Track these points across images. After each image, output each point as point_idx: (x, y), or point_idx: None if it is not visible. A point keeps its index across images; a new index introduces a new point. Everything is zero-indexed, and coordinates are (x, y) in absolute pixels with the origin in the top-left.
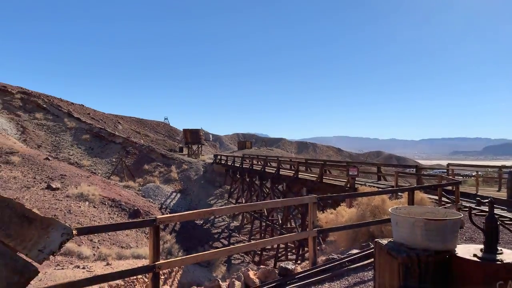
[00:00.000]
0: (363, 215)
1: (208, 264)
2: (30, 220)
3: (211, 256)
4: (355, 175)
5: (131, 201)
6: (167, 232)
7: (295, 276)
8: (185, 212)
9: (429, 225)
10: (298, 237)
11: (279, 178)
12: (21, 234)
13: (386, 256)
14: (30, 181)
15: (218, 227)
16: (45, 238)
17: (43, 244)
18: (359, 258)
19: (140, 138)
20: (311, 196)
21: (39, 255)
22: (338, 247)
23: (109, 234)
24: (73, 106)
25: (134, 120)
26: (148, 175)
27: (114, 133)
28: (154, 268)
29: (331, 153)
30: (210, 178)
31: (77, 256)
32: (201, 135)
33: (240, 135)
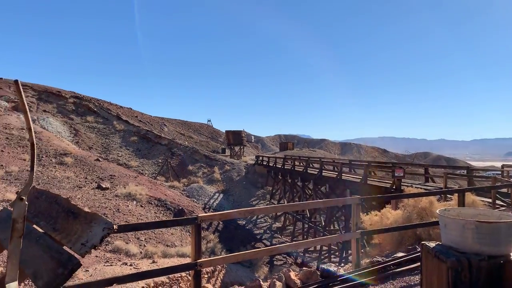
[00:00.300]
0: (409, 218)
1: (251, 264)
2: (75, 215)
3: (252, 256)
4: (401, 176)
5: (176, 201)
6: (210, 232)
7: (337, 278)
8: (226, 211)
9: (481, 228)
10: (341, 238)
11: (322, 179)
12: (67, 228)
13: (434, 259)
14: (82, 181)
15: (260, 228)
16: (88, 232)
17: (86, 238)
18: (405, 262)
19: (184, 139)
20: (354, 197)
21: (82, 248)
22: (383, 250)
23: (155, 233)
24: (121, 109)
25: (179, 122)
26: (192, 175)
27: (160, 135)
28: (195, 266)
29: (376, 154)
30: (252, 179)
31: (125, 253)
32: (243, 137)
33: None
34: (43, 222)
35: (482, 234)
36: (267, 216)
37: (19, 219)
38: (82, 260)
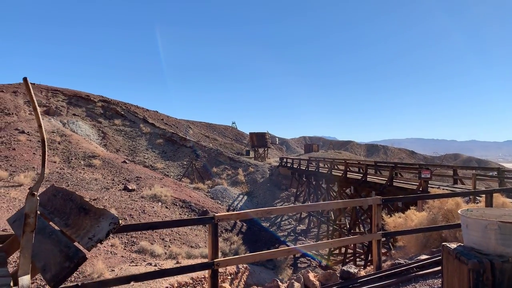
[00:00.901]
0: (434, 220)
1: (274, 267)
2: (86, 211)
3: (269, 256)
4: (428, 177)
5: (200, 203)
6: (234, 234)
7: (357, 280)
8: (243, 211)
9: (504, 229)
10: (362, 240)
11: (347, 181)
12: (77, 223)
13: (455, 261)
14: (109, 183)
15: (284, 230)
16: (95, 227)
17: (93, 232)
18: (429, 265)
19: (209, 142)
20: (375, 198)
21: (88, 242)
22: (408, 253)
23: (179, 234)
24: (148, 112)
25: (204, 124)
26: (217, 177)
27: (185, 138)
28: (212, 265)
29: (403, 156)
30: (276, 181)
31: (149, 254)
32: (267, 138)
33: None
34: (57, 218)
35: (506, 235)
36: (291, 218)
37: (31, 214)
38: (89, 254)
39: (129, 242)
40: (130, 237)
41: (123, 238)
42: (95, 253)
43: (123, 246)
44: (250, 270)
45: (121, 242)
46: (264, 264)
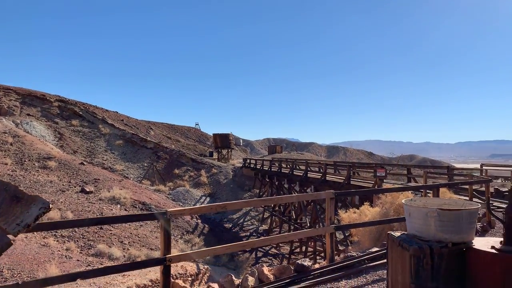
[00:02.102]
0: (386, 214)
1: (236, 267)
2: (19, 199)
3: (225, 250)
4: (383, 176)
5: (161, 205)
6: (195, 235)
7: (311, 273)
8: (197, 206)
9: (443, 216)
10: (315, 233)
11: (307, 180)
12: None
13: (398, 248)
14: (65, 185)
15: (246, 231)
16: (25, 213)
17: (21, 218)
18: (379, 256)
19: (171, 143)
20: (328, 191)
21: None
22: (362, 248)
23: (139, 237)
24: (107, 113)
25: (166, 126)
26: (178, 179)
27: (146, 139)
28: (164, 261)
29: (362, 157)
30: (239, 182)
31: (107, 257)
32: (231, 140)
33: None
34: None
35: (444, 222)
36: (253, 219)
37: None
38: (14, 239)
39: (85, 246)
40: (86, 240)
41: (79, 241)
42: (48, 257)
43: (79, 249)
44: (211, 271)
45: (77, 245)
46: (226, 264)
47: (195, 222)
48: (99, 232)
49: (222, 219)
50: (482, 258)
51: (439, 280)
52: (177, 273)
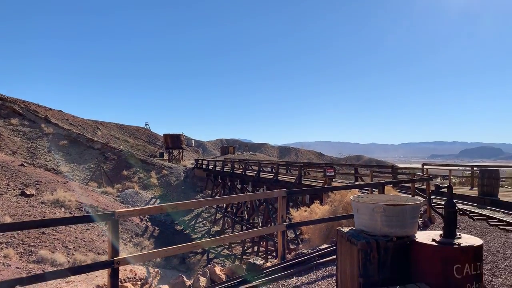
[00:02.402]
0: (335, 211)
1: (187, 269)
2: None
3: (175, 251)
4: (332, 175)
5: (109, 207)
6: (145, 238)
7: (263, 271)
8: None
9: (388, 211)
10: (267, 231)
11: (260, 180)
12: None
13: (347, 243)
14: (3, 188)
15: (198, 232)
16: None
17: None
18: (329, 253)
19: (119, 143)
20: (281, 190)
21: None
22: (313, 245)
23: (85, 241)
24: (51, 112)
25: (114, 125)
26: (127, 181)
27: (93, 139)
28: (112, 264)
29: (312, 157)
30: (191, 183)
31: (50, 263)
32: (182, 140)
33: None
34: None
35: (389, 217)
36: (205, 220)
37: None
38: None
39: (25, 252)
40: (27, 246)
41: (18, 247)
42: None
43: (18, 256)
44: (162, 274)
45: (16, 252)
46: (177, 267)
47: (145, 224)
48: (41, 237)
49: (173, 221)
50: (424, 250)
51: (385, 273)
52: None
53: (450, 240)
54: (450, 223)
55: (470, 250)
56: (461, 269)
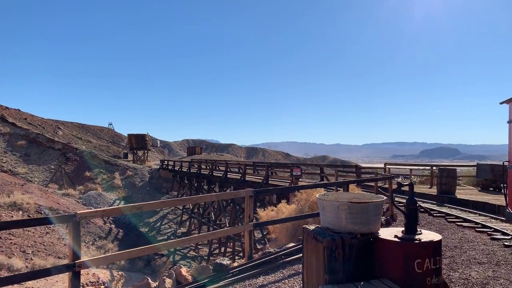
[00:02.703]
0: (301, 210)
1: (153, 271)
2: None
3: (139, 253)
4: (298, 175)
5: (70, 210)
6: (109, 241)
7: (230, 271)
8: (110, 207)
9: (353, 208)
10: (234, 231)
11: (227, 181)
12: None
13: (313, 241)
14: None
15: (164, 234)
16: None
17: None
18: (296, 251)
19: (81, 144)
20: (248, 190)
21: None
22: (280, 244)
23: (44, 245)
24: (7, 110)
25: (76, 125)
26: (90, 182)
27: (53, 139)
28: (73, 267)
29: (279, 158)
30: (156, 184)
31: (7, 269)
32: (147, 141)
33: (190, 141)
34: None
35: (354, 214)
36: (171, 222)
37: None
38: None
39: None
40: None
41: None
42: None
43: None
44: (127, 277)
45: None
46: (142, 270)
47: (109, 227)
48: None
49: (138, 223)
50: (387, 246)
51: (350, 269)
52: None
53: (412, 236)
54: (411, 219)
55: (430, 245)
56: (421, 263)
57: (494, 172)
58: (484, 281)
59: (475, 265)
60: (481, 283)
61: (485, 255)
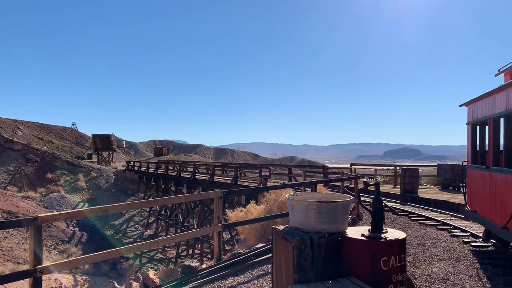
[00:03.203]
0: (270, 211)
1: (118, 275)
2: None
3: (104, 256)
4: (267, 176)
5: (31, 213)
6: (72, 245)
7: (198, 273)
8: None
9: (321, 208)
10: (203, 232)
11: (195, 182)
12: None
13: (282, 241)
14: None
15: (130, 237)
16: None
17: None
18: (265, 251)
19: (43, 144)
20: (217, 191)
21: None
22: (249, 245)
23: (2, 250)
24: None
25: (37, 125)
26: (52, 184)
27: (12, 139)
28: (35, 273)
29: (248, 158)
30: (122, 186)
31: None
32: (112, 141)
33: (157, 142)
34: None
35: (322, 214)
36: (138, 224)
37: None
38: None
39: None
40: None
41: None
42: None
43: None
44: (91, 281)
45: None
46: (107, 273)
47: (72, 230)
48: None
49: (103, 226)
50: (354, 245)
51: (319, 268)
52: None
53: (378, 235)
54: (377, 218)
55: (396, 243)
56: (387, 261)
57: (453, 172)
58: (445, 276)
59: (437, 262)
60: (443, 278)
61: (446, 252)
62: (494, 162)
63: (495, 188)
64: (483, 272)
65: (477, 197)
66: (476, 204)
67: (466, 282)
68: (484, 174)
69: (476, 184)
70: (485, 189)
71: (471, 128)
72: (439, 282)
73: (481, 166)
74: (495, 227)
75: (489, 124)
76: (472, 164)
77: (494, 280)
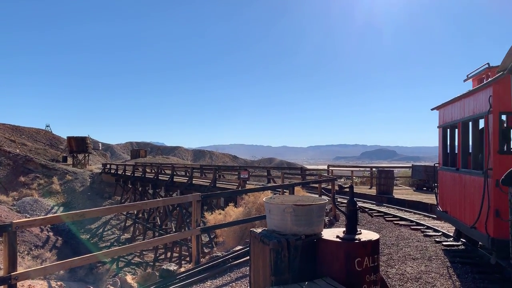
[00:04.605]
0: (249, 213)
1: (95, 280)
2: None
3: (81, 262)
4: (246, 178)
5: (3, 218)
6: (46, 250)
7: (177, 277)
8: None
9: (297, 211)
10: (181, 236)
11: (173, 185)
12: None
13: (260, 244)
14: None
15: (107, 241)
16: None
17: None
18: (243, 254)
19: (15, 147)
20: (195, 194)
21: None
22: (227, 247)
23: None
24: None
25: (8, 127)
26: (25, 188)
27: None
28: (9, 280)
29: (227, 160)
30: (98, 189)
31: None
32: (88, 143)
33: (134, 144)
34: None
35: (298, 216)
36: (114, 228)
37: None
38: None
39: None
40: None
41: None
42: None
43: None
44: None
45: None
46: (83, 279)
47: (46, 235)
48: None
49: (79, 230)
50: (330, 246)
51: (295, 270)
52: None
53: (352, 236)
54: (351, 220)
55: (369, 244)
56: (361, 262)
57: (427, 173)
58: (417, 275)
59: (410, 261)
60: (415, 277)
61: (418, 251)
62: (463, 164)
63: (464, 189)
64: (453, 270)
65: (448, 198)
66: (447, 205)
67: (437, 280)
68: (454, 176)
69: (447, 185)
70: (455, 190)
71: (442, 131)
72: (411, 281)
73: (451, 168)
74: (464, 227)
75: (459, 128)
76: (443, 166)
77: (463, 278)
